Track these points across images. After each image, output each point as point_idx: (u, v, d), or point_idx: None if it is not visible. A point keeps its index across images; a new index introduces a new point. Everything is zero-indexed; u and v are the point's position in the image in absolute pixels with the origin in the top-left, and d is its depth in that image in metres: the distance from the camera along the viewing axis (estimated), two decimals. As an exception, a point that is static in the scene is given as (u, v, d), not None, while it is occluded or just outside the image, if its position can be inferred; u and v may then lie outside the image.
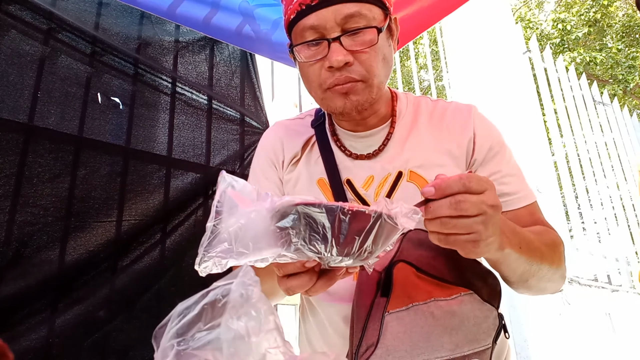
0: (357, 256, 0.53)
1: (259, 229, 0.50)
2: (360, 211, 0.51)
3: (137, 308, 1.43)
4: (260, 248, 0.50)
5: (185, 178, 1.66)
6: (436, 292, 0.73)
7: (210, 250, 0.49)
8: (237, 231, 0.49)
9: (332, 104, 0.83)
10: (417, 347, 0.70)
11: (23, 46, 1.39)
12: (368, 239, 0.52)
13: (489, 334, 0.74)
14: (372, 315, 0.73)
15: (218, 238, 0.49)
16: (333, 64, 0.78)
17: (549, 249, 0.78)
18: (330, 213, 0.50)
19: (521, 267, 0.73)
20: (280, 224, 0.50)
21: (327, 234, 0.51)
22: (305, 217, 0.50)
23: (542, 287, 0.82)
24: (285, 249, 0.51)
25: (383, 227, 0.53)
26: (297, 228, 0.50)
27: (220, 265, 0.50)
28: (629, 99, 9.37)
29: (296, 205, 0.50)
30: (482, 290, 0.77)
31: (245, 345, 0.43)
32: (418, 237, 0.78)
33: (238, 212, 0.49)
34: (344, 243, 0.52)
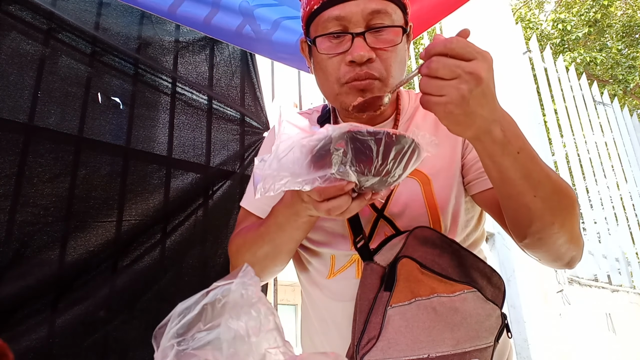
0: (390, 177, 0.63)
1: (314, 152, 0.59)
2: (402, 135, 0.61)
3: (137, 308, 1.43)
4: (313, 168, 0.60)
5: (185, 178, 1.66)
6: (440, 288, 0.73)
7: (272, 170, 0.59)
8: (297, 154, 0.59)
9: (347, 99, 0.82)
10: (418, 342, 0.70)
11: (23, 46, 1.39)
12: (402, 161, 0.62)
13: (491, 333, 0.74)
14: (375, 308, 0.73)
15: (280, 161, 0.59)
16: (355, 58, 0.78)
17: (561, 184, 0.73)
18: (378, 137, 0.59)
19: (519, 179, 0.69)
20: (333, 147, 0.59)
21: (372, 156, 0.60)
22: (355, 141, 0.59)
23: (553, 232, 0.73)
24: (335, 168, 0.60)
25: (414, 151, 0.63)
26: (347, 151, 0.59)
27: (279, 185, 0.59)
28: (629, 99, 9.37)
29: (348, 132, 0.59)
30: (485, 289, 0.77)
31: (245, 345, 0.43)
32: (423, 235, 0.78)
33: (297, 137, 0.59)
34: (383, 163, 0.61)
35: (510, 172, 0.69)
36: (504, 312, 0.78)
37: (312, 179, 0.60)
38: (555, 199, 0.72)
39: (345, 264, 0.88)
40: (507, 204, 0.75)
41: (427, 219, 0.84)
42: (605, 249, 4.01)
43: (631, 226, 4.50)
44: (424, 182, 0.86)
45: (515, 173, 0.69)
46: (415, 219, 0.83)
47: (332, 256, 0.89)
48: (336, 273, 0.88)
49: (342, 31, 0.80)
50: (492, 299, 0.77)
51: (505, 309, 0.86)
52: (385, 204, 0.86)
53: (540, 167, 0.71)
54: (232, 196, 1.75)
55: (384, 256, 0.78)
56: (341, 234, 0.87)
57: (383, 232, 0.84)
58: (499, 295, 0.79)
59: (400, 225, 0.84)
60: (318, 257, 0.91)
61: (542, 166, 0.71)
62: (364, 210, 0.86)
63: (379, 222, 0.85)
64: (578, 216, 0.77)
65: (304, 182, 0.60)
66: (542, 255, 0.80)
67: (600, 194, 4.27)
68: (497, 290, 0.80)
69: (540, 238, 0.75)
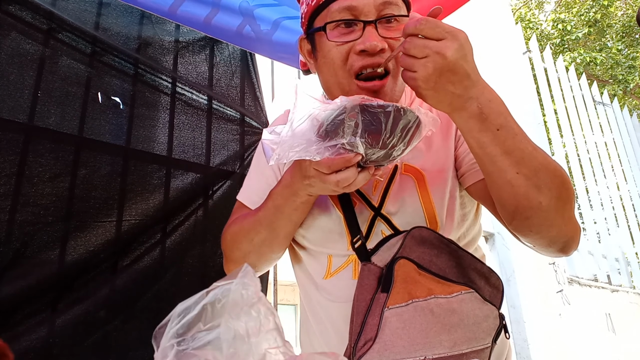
0: (396, 151, 0.66)
1: (329, 121, 0.63)
2: (409, 109, 0.64)
3: (137, 308, 1.43)
4: (326, 138, 0.63)
5: (185, 178, 1.66)
6: (437, 289, 0.73)
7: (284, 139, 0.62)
8: (310, 122, 0.62)
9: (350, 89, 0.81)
10: (415, 344, 0.70)
11: (23, 46, 1.39)
12: (407, 135, 0.66)
13: (489, 334, 0.74)
14: (372, 310, 0.73)
15: (294, 131, 0.62)
16: (368, 48, 0.77)
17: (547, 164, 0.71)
18: (387, 110, 0.63)
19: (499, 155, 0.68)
20: (345, 117, 0.62)
21: (381, 128, 0.63)
22: (365, 113, 0.62)
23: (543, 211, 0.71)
24: (347, 139, 0.62)
25: (418, 127, 0.66)
26: (358, 122, 0.62)
27: (292, 153, 0.63)
28: (629, 99, 9.37)
29: (359, 104, 0.62)
30: (483, 290, 0.77)
31: (245, 345, 0.43)
32: (421, 235, 0.78)
33: (312, 107, 0.62)
34: (390, 137, 0.64)
35: (489, 149, 0.69)
36: (501, 313, 0.77)
37: (323, 149, 0.63)
38: (541, 176, 0.70)
39: (342, 264, 0.87)
40: (491, 183, 0.74)
41: (422, 215, 0.84)
42: (605, 249, 4.01)
43: (631, 226, 4.50)
44: (418, 178, 0.86)
45: (494, 149, 0.69)
46: (411, 215, 0.83)
47: (329, 256, 0.89)
48: (333, 273, 0.88)
49: (353, 19, 0.79)
50: (490, 299, 0.76)
51: (505, 309, 0.86)
52: (382, 202, 0.85)
53: (524, 145, 0.70)
54: (232, 196, 1.75)
55: (382, 257, 0.78)
56: (338, 233, 0.87)
57: (380, 231, 0.84)
58: (497, 296, 0.79)
59: (397, 223, 0.84)
60: (315, 258, 0.91)
61: (527, 144, 0.70)
62: (361, 209, 0.86)
63: (376, 221, 0.85)
64: (571, 197, 0.74)
65: (315, 152, 0.63)
66: (534, 240, 0.77)
67: (600, 194, 4.27)
68: (495, 290, 0.79)
69: (527, 217, 0.72)
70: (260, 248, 0.87)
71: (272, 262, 0.95)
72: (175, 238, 1.58)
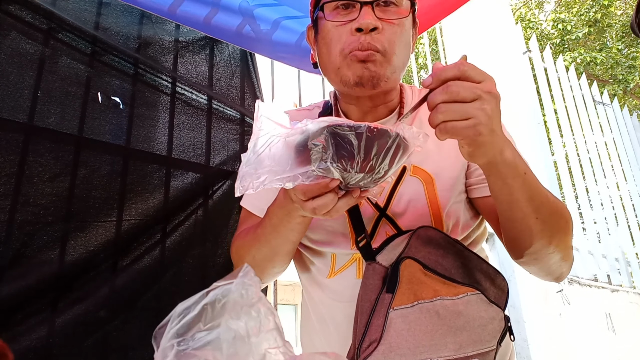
0: (376, 174, 0.60)
1: (294, 149, 0.57)
2: (383, 129, 0.58)
3: (137, 308, 1.43)
4: (294, 166, 0.57)
5: (185, 178, 1.66)
6: (443, 290, 0.73)
7: (249, 167, 0.56)
8: (275, 150, 0.56)
9: (348, 72, 0.81)
10: (420, 346, 0.69)
11: (23, 46, 1.39)
12: (387, 156, 0.59)
13: (494, 336, 0.74)
14: (377, 310, 0.73)
15: (259, 157, 0.56)
16: (362, 25, 0.78)
17: (558, 206, 0.76)
18: (358, 131, 0.56)
19: (525, 201, 0.70)
20: (313, 143, 0.56)
21: (353, 151, 0.57)
22: (335, 136, 0.56)
23: (549, 253, 0.76)
24: (316, 165, 0.57)
25: (399, 146, 0.60)
26: (328, 146, 0.57)
27: (257, 183, 0.57)
28: (629, 99, 9.36)
29: (327, 126, 0.56)
30: (489, 291, 0.77)
31: (245, 345, 0.43)
32: (427, 235, 0.78)
33: (275, 133, 0.56)
34: (367, 159, 0.58)
35: (518, 194, 0.70)
36: (507, 315, 0.77)
37: (293, 176, 0.57)
38: (553, 220, 0.74)
39: (345, 263, 0.87)
40: (512, 226, 0.77)
41: (429, 218, 0.83)
42: (605, 249, 4.01)
43: (631, 226, 4.50)
44: (427, 181, 0.85)
45: (522, 195, 0.70)
46: (418, 218, 0.83)
47: (333, 255, 0.89)
48: (337, 272, 0.88)
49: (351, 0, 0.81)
50: (496, 300, 0.76)
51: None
52: (388, 203, 0.85)
53: (540, 189, 0.73)
54: (232, 196, 1.74)
55: (387, 256, 0.78)
56: (342, 233, 0.87)
57: (384, 232, 0.84)
58: (502, 297, 0.79)
59: (402, 224, 0.83)
60: (319, 256, 0.91)
61: (542, 187, 0.73)
62: (366, 208, 0.85)
63: (381, 222, 0.85)
64: (571, 235, 0.79)
65: (285, 180, 0.57)
66: (535, 270, 0.83)
67: (600, 194, 4.27)
68: (500, 292, 0.79)
69: (536, 258, 0.78)
70: (262, 263, 0.86)
71: (277, 275, 0.94)
72: (175, 238, 1.58)
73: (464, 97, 0.58)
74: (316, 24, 0.89)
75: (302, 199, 0.64)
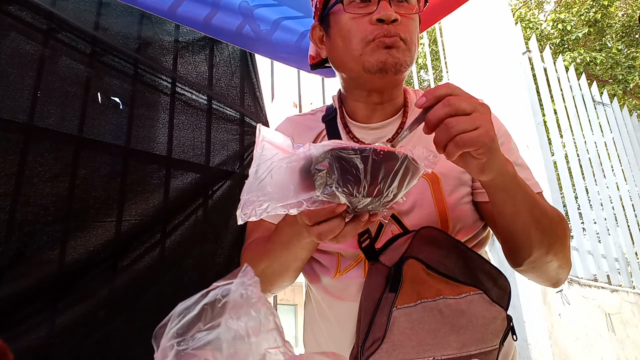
0: (384, 197, 0.57)
1: (297, 174, 0.54)
2: (390, 152, 0.55)
3: (137, 308, 1.43)
4: (298, 192, 0.54)
5: (185, 178, 1.66)
6: (445, 290, 0.73)
7: (252, 194, 0.54)
8: (276, 176, 0.53)
9: (372, 58, 0.83)
10: (424, 344, 0.70)
11: (23, 46, 1.39)
12: (396, 179, 0.56)
13: (497, 335, 0.74)
14: (380, 309, 0.73)
15: (259, 183, 0.53)
16: (383, 17, 0.81)
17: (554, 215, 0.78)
18: (364, 155, 0.54)
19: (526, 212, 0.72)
20: (317, 168, 0.54)
21: (359, 175, 0.54)
22: (340, 160, 0.54)
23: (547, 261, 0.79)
24: (321, 191, 0.54)
25: (408, 168, 0.57)
26: (332, 171, 0.54)
27: (260, 211, 0.54)
28: (629, 99, 9.37)
29: (331, 150, 0.53)
30: (491, 291, 0.77)
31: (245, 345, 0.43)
32: (430, 235, 0.78)
33: (277, 158, 0.54)
34: (374, 183, 0.55)
35: (521, 206, 0.72)
36: (509, 315, 0.77)
37: (297, 203, 0.55)
38: (552, 229, 0.76)
39: (351, 263, 0.87)
40: (513, 237, 0.78)
41: (435, 218, 0.84)
42: (605, 249, 4.01)
43: (631, 226, 4.50)
44: (433, 181, 0.86)
45: (524, 206, 0.72)
46: (424, 218, 0.83)
47: (339, 255, 0.89)
48: (342, 272, 0.88)
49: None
50: (498, 301, 0.76)
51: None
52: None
53: (538, 199, 0.75)
54: (232, 196, 1.75)
55: (390, 256, 0.78)
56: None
57: (390, 231, 0.84)
58: (504, 297, 0.79)
59: (408, 223, 0.84)
60: (324, 256, 0.91)
61: (539, 198, 0.76)
62: None
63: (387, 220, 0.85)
64: (569, 242, 0.81)
65: (289, 207, 0.55)
66: (533, 277, 0.85)
67: (600, 194, 4.27)
68: (502, 292, 0.79)
69: (534, 267, 0.80)
70: (272, 278, 0.87)
71: (285, 287, 0.95)
72: (175, 238, 1.58)
73: (465, 109, 0.59)
74: (326, 20, 0.90)
75: (307, 224, 0.63)
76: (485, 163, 0.63)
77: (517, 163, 0.87)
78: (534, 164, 3.29)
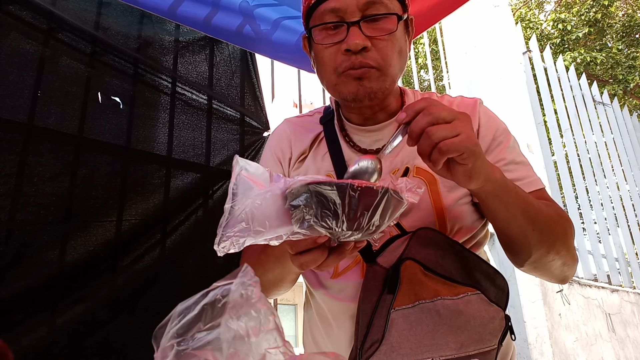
0: (366, 230, 0.56)
1: (274, 208, 0.53)
2: (368, 187, 0.54)
3: (137, 308, 1.43)
4: (275, 226, 0.53)
5: (185, 178, 1.66)
6: (443, 290, 0.73)
7: (228, 230, 0.52)
8: (253, 211, 0.52)
9: (344, 89, 0.82)
10: (422, 345, 0.70)
11: (23, 46, 1.39)
12: (376, 214, 0.55)
13: (495, 335, 0.74)
14: (378, 311, 0.73)
15: (235, 218, 0.52)
16: (351, 47, 0.78)
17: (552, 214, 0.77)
18: (341, 190, 0.53)
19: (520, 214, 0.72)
20: (293, 203, 0.53)
21: (337, 210, 0.53)
22: (317, 195, 0.53)
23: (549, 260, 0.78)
24: (298, 226, 0.53)
25: (390, 201, 0.56)
26: (310, 206, 0.53)
27: (238, 245, 0.53)
28: (629, 99, 9.37)
29: (308, 185, 0.53)
30: (489, 291, 0.77)
31: (245, 345, 0.43)
32: (427, 236, 0.78)
33: (253, 193, 0.52)
34: (353, 218, 0.54)
35: (514, 209, 0.72)
36: (507, 314, 0.77)
37: (276, 237, 0.54)
38: (550, 230, 0.76)
39: (350, 264, 0.87)
40: (511, 241, 0.79)
41: (433, 219, 0.83)
42: (605, 249, 4.01)
43: (631, 226, 4.50)
44: (430, 181, 0.85)
45: (517, 209, 0.72)
46: (421, 219, 0.83)
47: None
48: (340, 273, 0.88)
49: (337, 21, 0.80)
50: (496, 300, 0.76)
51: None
52: None
53: (532, 201, 0.75)
54: (232, 196, 1.75)
55: (387, 258, 0.78)
56: None
57: (388, 232, 0.84)
58: (502, 297, 0.79)
59: (405, 225, 0.83)
60: None
61: (534, 200, 0.75)
62: None
63: None
64: (572, 240, 0.81)
65: (268, 240, 0.54)
66: (538, 276, 0.86)
67: (600, 194, 4.27)
68: (500, 292, 0.79)
69: (536, 267, 0.80)
70: (267, 286, 0.87)
71: (280, 294, 0.95)
72: (175, 238, 1.58)
73: (445, 117, 0.60)
74: (310, 38, 0.89)
75: (290, 252, 0.62)
76: (472, 168, 0.62)
77: (517, 161, 0.86)
78: (534, 164, 3.28)
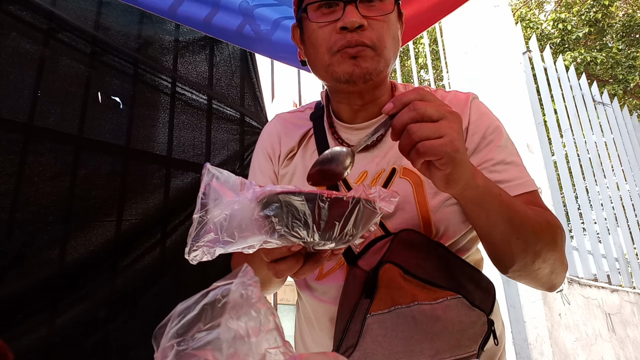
0: (340, 240, 0.55)
1: (243, 218, 0.52)
2: (338, 198, 0.53)
3: (138, 308, 1.43)
4: (246, 236, 0.52)
5: (185, 178, 1.66)
6: (421, 295, 0.70)
7: (198, 240, 0.52)
8: (222, 221, 0.51)
9: (339, 69, 0.80)
10: (395, 352, 0.67)
11: (23, 46, 1.39)
12: (348, 224, 0.54)
13: (475, 341, 0.72)
14: (355, 316, 0.71)
15: (205, 229, 0.51)
16: (347, 24, 0.77)
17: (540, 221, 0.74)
18: (310, 200, 0.52)
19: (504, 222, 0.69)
20: (263, 213, 0.52)
21: (308, 221, 0.53)
22: (287, 205, 0.52)
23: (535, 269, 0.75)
24: (269, 236, 0.53)
25: (362, 211, 0.55)
26: (280, 216, 0.52)
27: (210, 253, 0.53)
28: (629, 99, 9.37)
29: (277, 194, 0.52)
30: (473, 294, 0.75)
31: (245, 346, 0.43)
32: (409, 238, 0.76)
33: (222, 202, 0.51)
34: (324, 228, 0.53)
35: (496, 217, 0.69)
36: (491, 319, 0.75)
37: (249, 247, 0.53)
38: (537, 238, 0.72)
39: (334, 265, 0.86)
40: (493, 248, 0.76)
41: (418, 221, 0.81)
42: (605, 249, 4.01)
43: (631, 226, 4.50)
44: (417, 183, 0.83)
45: (500, 217, 0.69)
46: (406, 221, 0.81)
47: None
48: (325, 275, 0.87)
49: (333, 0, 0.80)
50: (480, 304, 0.74)
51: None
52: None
53: (519, 208, 0.71)
54: (232, 196, 1.75)
55: (368, 260, 0.76)
56: None
57: (372, 233, 0.82)
58: (488, 300, 0.76)
59: (390, 226, 0.82)
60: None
61: (521, 206, 0.72)
62: None
63: None
64: (562, 247, 0.77)
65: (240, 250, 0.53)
66: (524, 283, 0.82)
67: (600, 194, 4.27)
68: (486, 294, 0.77)
69: (521, 275, 0.77)
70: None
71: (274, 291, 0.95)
72: (175, 238, 1.58)
73: (431, 115, 0.56)
74: (301, 23, 0.87)
75: (265, 260, 0.61)
76: (449, 175, 0.58)
77: (507, 161, 0.83)
78: (534, 164, 3.29)
